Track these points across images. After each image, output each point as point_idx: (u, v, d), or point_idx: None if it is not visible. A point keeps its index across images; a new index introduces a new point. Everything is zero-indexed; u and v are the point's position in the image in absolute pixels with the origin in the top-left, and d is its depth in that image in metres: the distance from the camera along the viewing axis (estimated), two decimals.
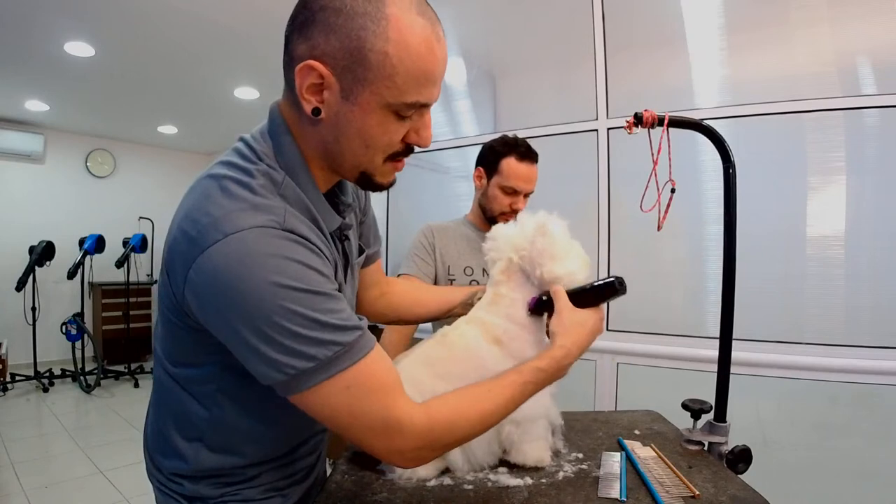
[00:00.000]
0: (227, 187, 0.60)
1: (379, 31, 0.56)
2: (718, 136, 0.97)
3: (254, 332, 0.56)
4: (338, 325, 0.59)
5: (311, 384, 0.58)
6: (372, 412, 0.60)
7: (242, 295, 0.55)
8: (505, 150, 1.41)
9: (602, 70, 2.00)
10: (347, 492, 0.79)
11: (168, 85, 3.99)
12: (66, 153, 5.44)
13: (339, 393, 0.59)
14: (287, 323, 0.56)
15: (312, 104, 0.60)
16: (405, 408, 0.62)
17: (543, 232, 0.88)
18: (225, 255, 0.56)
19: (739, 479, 0.83)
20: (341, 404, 0.60)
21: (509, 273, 0.92)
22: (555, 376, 0.76)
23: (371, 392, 0.61)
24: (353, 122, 0.61)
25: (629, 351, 1.92)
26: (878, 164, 1.70)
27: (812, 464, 1.66)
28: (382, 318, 1.06)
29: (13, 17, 2.80)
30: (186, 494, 0.75)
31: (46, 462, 3.10)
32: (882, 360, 1.55)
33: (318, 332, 0.57)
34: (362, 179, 0.67)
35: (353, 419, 0.61)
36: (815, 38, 1.75)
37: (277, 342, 0.56)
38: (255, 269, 0.56)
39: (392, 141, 0.63)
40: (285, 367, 0.57)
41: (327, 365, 0.58)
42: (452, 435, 0.66)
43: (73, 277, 4.63)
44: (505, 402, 0.70)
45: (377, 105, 0.59)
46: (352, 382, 0.59)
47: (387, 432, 0.61)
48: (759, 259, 1.69)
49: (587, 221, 2.00)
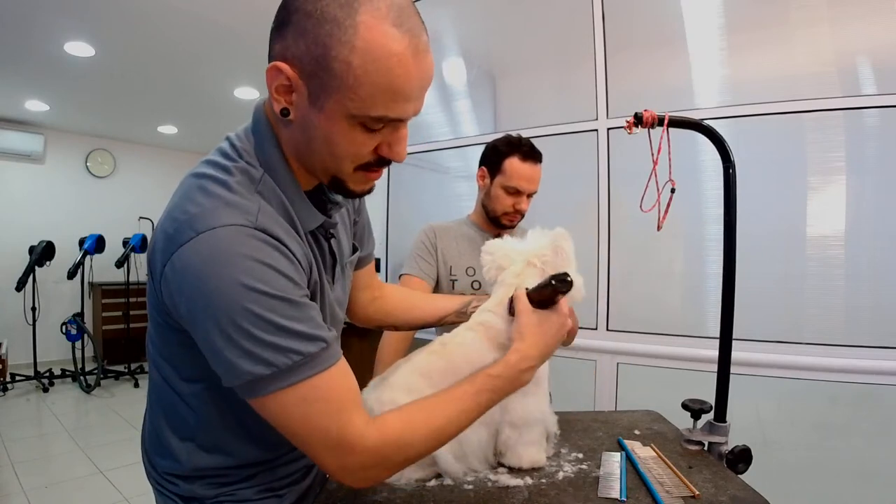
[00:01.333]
0: (204, 186, 0.60)
1: (345, 40, 0.54)
2: (718, 136, 0.97)
3: (217, 332, 0.56)
4: (300, 333, 0.58)
5: (268, 391, 0.57)
6: (325, 428, 0.59)
7: (209, 293, 0.55)
8: (508, 149, 1.41)
9: (602, 70, 2.00)
10: (347, 492, 0.79)
11: (168, 85, 3.99)
12: (66, 153, 5.44)
13: (296, 404, 0.58)
14: (249, 325, 0.55)
15: (282, 104, 0.59)
16: (359, 425, 0.61)
17: (566, 238, 0.90)
18: (196, 252, 0.56)
19: (739, 479, 0.83)
20: (296, 415, 0.59)
21: (525, 277, 0.91)
22: (513, 383, 0.73)
23: (327, 407, 0.59)
24: (319, 128, 0.59)
25: (629, 351, 1.92)
26: (878, 164, 1.70)
27: (812, 464, 1.66)
28: (375, 322, 1.05)
29: (13, 17, 2.80)
30: (182, 494, 0.75)
31: (46, 462, 3.10)
32: (882, 360, 1.55)
33: (279, 338, 0.57)
34: (334, 184, 0.66)
35: (306, 432, 0.60)
36: (815, 38, 1.75)
37: (238, 344, 0.56)
38: (223, 268, 0.55)
39: (359, 153, 0.61)
40: (242, 371, 0.57)
41: (285, 373, 0.57)
42: (403, 453, 0.64)
43: (73, 277, 4.63)
44: (457, 415, 0.67)
45: (341, 115, 0.57)
46: (308, 395, 0.58)
47: (339, 449, 0.60)
48: (759, 259, 1.69)
49: (587, 221, 2.00)
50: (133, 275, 5.21)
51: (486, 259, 0.98)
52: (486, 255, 0.98)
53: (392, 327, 1.08)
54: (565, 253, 0.89)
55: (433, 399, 0.68)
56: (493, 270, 0.96)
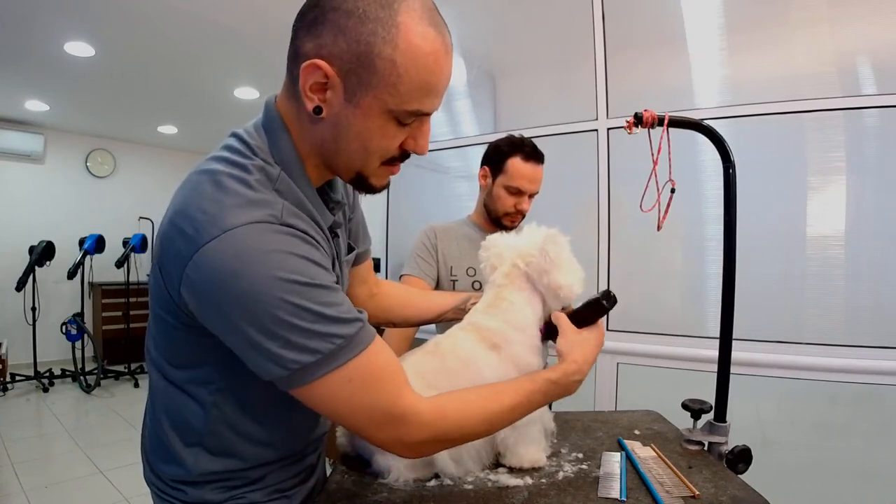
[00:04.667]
0: (221, 182, 0.60)
1: (388, 38, 0.56)
2: (718, 136, 0.97)
3: (255, 328, 0.56)
4: (339, 318, 0.59)
5: (314, 378, 0.58)
6: (374, 403, 0.61)
7: (243, 291, 0.55)
8: (510, 149, 1.41)
9: (602, 70, 2.00)
10: (347, 492, 0.79)
11: (168, 85, 3.99)
12: (66, 153, 5.43)
13: (342, 385, 0.60)
14: (289, 317, 0.56)
15: (315, 102, 0.60)
16: (410, 399, 0.63)
17: (554, 241, 0.90)
18: (222, 251, 0.55)
19: (739, 479, 0.83)
20: (343, 397, 0.60)
21: (512, 278, 0.93)
22: (564, 391, 0.78)
23: (374, 383, 0.61)
24: (353, 125, 0.61)
25: (629, 351, 1.92)
26: (878, 164, 1.70)
27: (812, 464, 1.66)
28: (373, 319, 1.04)
29: (13, 17, 2.80)
30: (189, 501, 0.73)
31: (46, 462, 3.10)
32: (882, 360, 1.55)
33: (320, 325, 0.57)
34: (357, 180, 0.68)
35: (354, 411, 0.61)
36: (815, 38, 1.75)
37: (280, 336, 0.56)
38: (255, 265, 0.55)
39: (390, 146, 0.64)
40: (288, 361, 0.57)
41: (329, 358, 0.58)
42: (459, 430, 0.67)
43: (73, 277, 4.63)
44: (511, 407, 0.71)
45: (379, 110, 0.60)
46: (354, 375, 0.60)
47: (390, 423, 0.62)
48: (759, 259, 1.69)
49: (587, 221, 2.00)
50: (133, 275, 5.21)
51: (482, 256, 0.99)
52: (482, 251, 0.98)
53: (390, 324, 1.08)
54: (550, 257, 0.89)
55: (493, 386, 0.72)
56: (488, 269, 0.97)
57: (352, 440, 0.89)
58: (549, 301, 0.93)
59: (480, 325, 0.90)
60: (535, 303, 0.93)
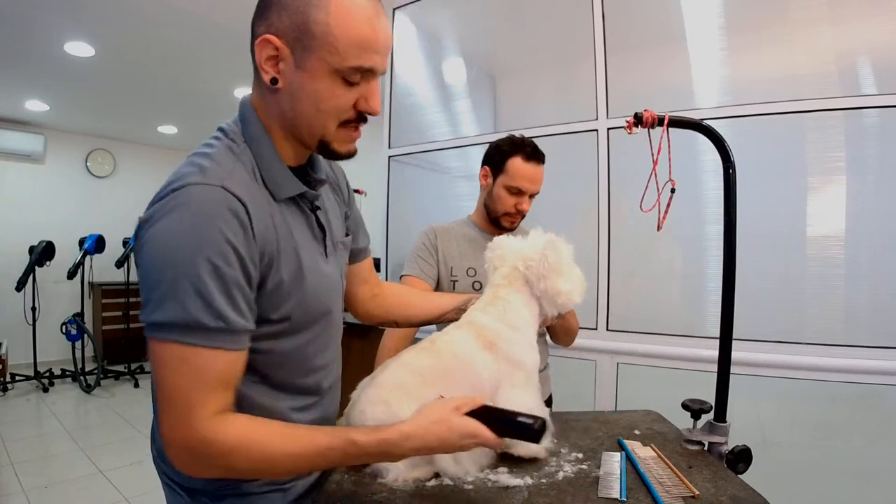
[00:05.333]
0: (189, 160, 0.69)
1: (321, 5, 0.64)
2: (718, 136, 0.97)
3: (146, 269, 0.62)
4: (209, 304, 0.61)
5: (159, 337, 0.62)
6: (181, 396, 0.62)
7: (166, 235, 0.61)
8: (511, 149, 1.41)
9: (602, 70, 2.00)
10: (347, 492, 0.79)
11: (168, 85, 3.99)
12: (66, 153, 5.43)
13: (171, 359, 0.62)
14: (182, 273, 0.60)
15: (270, 74, 0.68)
16: (207, 410, 0.62)
17: (554, 248, 0.91)
18: (169, 200, 0.63)
19: (739, 479, 0.83)
20: (168, 370, 0.62)
21: (511, 279, 0.94)
22: (374, 458, 0.70)
23: (194, 379, 0.62)
24: (305, 89, 0.68)
25: (629, 351, 1.92)
26: (878, 164, 1.70)
27: (812, 464, 1.66)
28: (376, 319, 1.07)
29: (13, 17, 2.79)
30: (184, 486, 0.76)
31: (46, 462, 3.10)
32: (882, 360, 1.55)
33: (190, 296, 0.60)
34: (322, 148, 0.73)
35: (168, 390, 0.62)
36: (815, 38, 1.75)
37: (160, 287, 0.61)
38: (184, 218, 0.61)
39: (341, 105, 0.69)
40: (152, 311, 0.62)
41: (180, 330, 0.61)
42: (225, 461, 0.63)
43: (73, 277, 4.63)
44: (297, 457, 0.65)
45: (325, 71, 0.66)
46: (187, 358, 0.62)
47: (177, 422, 0.62)
48: (759, 259, 1.69)
49: (587, 221, 2.00)
50: (133, 275, 5.20)
51: (486, 256, 1.01)
52: (487, 251, 1.00)
53: (392, 324, 1.09)
54: (549, 262, 0.90)
55: (286, 428, 0.68)
56: (490, 269, 0.98)
57: None
58: (545, 306, 0.95)
59: (477, 323, 0.91)
60: (533, 305, 0.94)
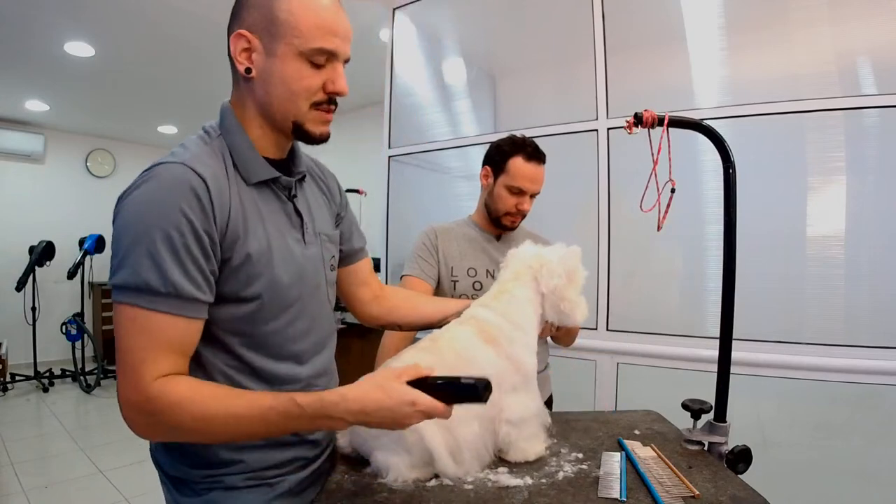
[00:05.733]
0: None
1: None
2: (718, 136, 0.97)
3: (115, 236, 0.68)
4: (160, 269, 0.65)
5: (119, 300, 0.66)
6: (132, 354, 0.65)
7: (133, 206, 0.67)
8: (512, 149, 1.41)
9: (602, 70, 2.00)
10: (347, 492, 0.79)
11: (168, 84, 3.99)
12: (66, 153, 5.44)
13: (126, 321, 0.66)
14: (132, 239, 0.65)
15: (245, 65, 0.74)
16: (153, 370, 0.65)
17: (576, 257, 0.95)
18: (134, 182, 0.69)
19: (739, 479, 0.83)
20: (122, 331, 0.66)
21: (520, 274, 0.96)
22: (313, 422, 0.68)
23: (144, 340, 0.65)
24: (276, 73, 0.74)
25: (629, 351, 1.92)
26: (878, 164, 1.70)
27: (812, 464, 1.66)
28: (379, 321, 1.07)
29: (13, 17, 2.80)
30: (170, 474, 0.78)
31: (46, 462, 3.10)
32: (882, 360, 1.55)
33: (143, 261, 0.65)
34: (297, 131, 0.78)
35: (122, 351, 0.66)
36: (815, 38, 1.75)
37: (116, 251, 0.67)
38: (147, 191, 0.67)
39: (310, 86, 0.75)
40: (113, 273, 0.67)
41: (133, 292, 0.65)
42: (170, 418, 0.65)
43: (73, 277, 4.63)
44: (238, 417, 0.65)
45: (292, 55, 0.73)
46: (139, 321, 0.66)
47: (129, 382, 0.65)
48: (759, 259, 1.69)
49: (587, 221, 2.00)
50: None
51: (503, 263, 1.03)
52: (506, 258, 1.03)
53: (396, 326, 1.09)
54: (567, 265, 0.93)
55: (231, 391, 0.70)
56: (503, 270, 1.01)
57: (351, 440, 0.89)
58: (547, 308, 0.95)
59: (479, 318, 0.91)
60: (537, 304, 0.94)
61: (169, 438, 0.74)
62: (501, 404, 0.87)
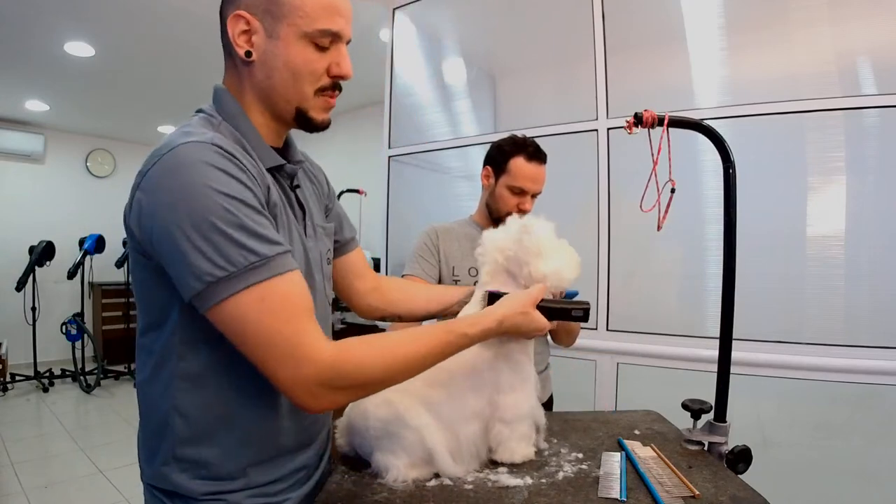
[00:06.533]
0: (166, 138, 0.68)
1: None
2: (718, 136, 0.97)
3: (181, 233, 0.59)
4: (260, 234, 0.62)
5: (227, 294, 0.60)
6: (281, 333, 0.61)
7: (176, 194, 0.60)
8: (513, 149, 1.41)
9: (602, 70, 2.00)
10: (347, 492, 0.79)
11: (168, 84, 3.99)
12: (66, 153, 5.44)
13: (252, 305, 0.60)
14: (214, 219, 0.59)
15: (244, 48, 0.70)
16: (314, 334, 0.63)
17: (527, 231, 0.89)
18: (162, 167, 0.62)
19: (739, 479, 0.83)
20: (252, 320, 0.60)
21: (495, 275, 0.93)
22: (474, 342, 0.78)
23: (283, 311, 0.61)
24: (279, 56, 0.70)
25: (629, 351, 1.92)
26: (878, 164, 1.70)
27: (812, 464, 1.66)
28: (378, 313, 1.04)
29: (13, 17, 2.80)
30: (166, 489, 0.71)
31: (46, 462, 3.10)
32: (882, 360, 1.55)
33: (240, 235, 0.60)
34: (299, 118, 0.74)
35: (260, 338, 0.61)
36: (815, 38, 1.75)
37: (198, 245, 0.59)
38: (188, 174, 0.61)
39: (315, 70, 0.71)
40: (204, 273, 0.59)
41: (244, 273, 0.60)
42: (360, 373, 0.64)
43: (73, 277, 4.63)
44: (425, 353, 0.70)
45: (295, 36, 0.69)
46: (266, 296, 0.61)
47: (293, 358, 0.61)
48: (759, 259, 1.69)
49: (587, 221, 2.00)
50: None
51: (477, 252, 0.99)
52: (479, 245, 0.99)
53: (396, 317, 1.07)
54: (526, 246, 0.89)
55: (408, 332, 0.72)
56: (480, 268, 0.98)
57: (351, 440, 0.89)
58: None
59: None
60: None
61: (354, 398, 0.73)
62: (496, 402, 0.87)
